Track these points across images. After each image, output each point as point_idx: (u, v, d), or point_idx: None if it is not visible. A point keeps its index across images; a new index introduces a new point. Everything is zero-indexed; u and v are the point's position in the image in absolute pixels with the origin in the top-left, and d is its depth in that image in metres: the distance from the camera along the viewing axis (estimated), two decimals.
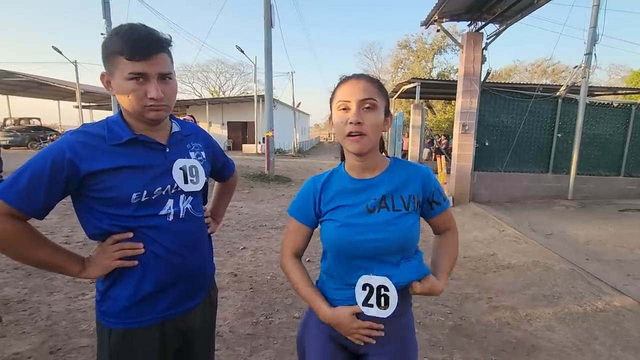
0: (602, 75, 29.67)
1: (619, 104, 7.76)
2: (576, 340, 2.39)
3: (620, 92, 14.25)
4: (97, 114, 26.23)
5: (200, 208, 1.09)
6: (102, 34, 9.67)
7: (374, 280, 0.93)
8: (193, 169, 1.04)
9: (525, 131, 7.08)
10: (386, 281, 0.92)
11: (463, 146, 6.70)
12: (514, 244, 4.42)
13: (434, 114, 25.74)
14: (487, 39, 6.47)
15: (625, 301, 2.90)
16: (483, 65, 6.47)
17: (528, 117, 6.98)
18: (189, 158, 1.05)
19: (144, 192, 0.93)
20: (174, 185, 0.99)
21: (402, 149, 13.01)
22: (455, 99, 7.41)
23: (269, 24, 9.67)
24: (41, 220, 0.92)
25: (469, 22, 6.83)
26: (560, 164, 7.30)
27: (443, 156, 7.70)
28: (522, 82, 17.88)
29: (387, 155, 1.08)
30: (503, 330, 2.52)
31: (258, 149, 20.43)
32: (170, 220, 0.98)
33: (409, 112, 13.03)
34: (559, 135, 7.21)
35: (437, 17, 6.51)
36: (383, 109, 0.95)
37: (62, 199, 0.92)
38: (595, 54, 6.66)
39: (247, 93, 32.20)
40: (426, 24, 6.95)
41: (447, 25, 7.03)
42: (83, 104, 21.76)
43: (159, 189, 0.96)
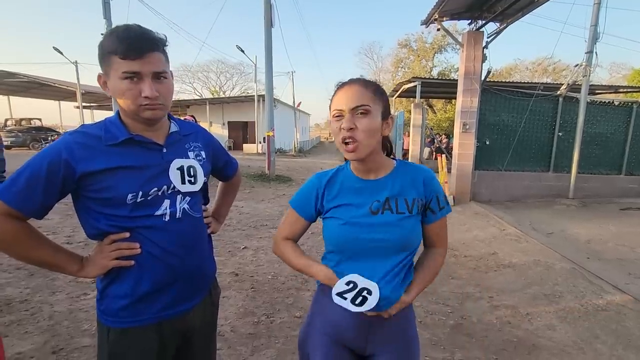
0: (603, 74, 29.70)
1: (620, 102, 7.74)
2: (577, 339, 2.39)
3: (622, 90, 14.25)
4: (98, 114, 26.30)
5: (199, 208, 1.09)
6: (102, 34, 9.65)
7: (361, 282, 0.94)
8: (191, 169, 1.04)
9: (526, 130, 7.06)
10: (375, 288, 0.94)
11: (464, 145, 6.69)
12: (514, 243, 4.41)
13: (435, 113, 25.74)
14: (488, 37, 6.46)
15: (627, 300, 2.89)
16: (484, 64, 6.46)
17: (529, 116, 6.96)
18: (187, 158, 1.05)
19: (140, 192, 0.93)
20: (170, 185, 0.99)
21: (402, 148, 12.97)
22: (455, 98, 7.40)
23: (269, 24, 9.67)
24: (43, 221, 0.92)
25: (470, 20, 6.81)
26: (561, 162, 7.28)
27: (444, 155, 7.69)
28: (522, 81, 17.80)
29: (394, 158, 1.08)
30: (504, 329, 2.52)
31: (259, 148, 20.45)
32: (167, 220, 0.98)
33: (410, 111, 13.00)
34: (560, 134, 7.19)
35: (437, 16, 6.49)
36: (379, 113, 0.95)
37: (61, 199, 0.92)
38: (596, 52, 6.64)
39: (247, 93, 32.26)
40: (426, 23, 6.94)
41: (447, 24, 7.01)
42: (84, 104, 21.77)
43: (154, 189, 0.95)
